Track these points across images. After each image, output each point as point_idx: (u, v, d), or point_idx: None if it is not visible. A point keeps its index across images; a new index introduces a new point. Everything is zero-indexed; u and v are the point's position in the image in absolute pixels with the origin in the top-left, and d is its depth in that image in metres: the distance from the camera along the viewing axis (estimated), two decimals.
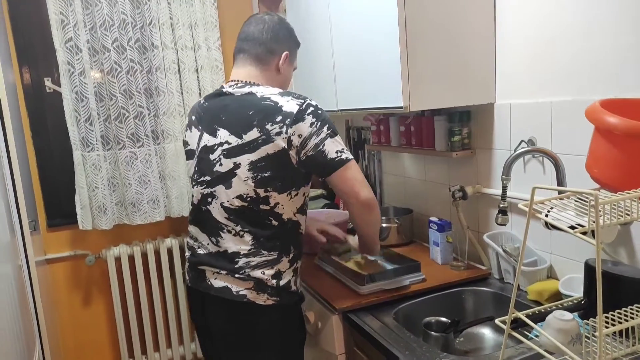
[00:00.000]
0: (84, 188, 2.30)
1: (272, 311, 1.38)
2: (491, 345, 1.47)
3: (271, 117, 1.30)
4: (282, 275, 1.38)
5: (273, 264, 1.36)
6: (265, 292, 1.35)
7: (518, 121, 1.54)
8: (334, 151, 1.30)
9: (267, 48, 1.42)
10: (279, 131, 1.29)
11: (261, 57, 1.42)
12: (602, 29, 1.26)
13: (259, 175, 1.32)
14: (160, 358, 2.59)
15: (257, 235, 1.35)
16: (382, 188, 2.36)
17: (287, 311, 1.42)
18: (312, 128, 1.29)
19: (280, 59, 1.44)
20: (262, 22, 1.44)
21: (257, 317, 1.37)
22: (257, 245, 1.35)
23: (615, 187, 0.99)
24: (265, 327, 1.39)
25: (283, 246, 1.38)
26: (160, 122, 2.38)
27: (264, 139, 1.30)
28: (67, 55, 2.21)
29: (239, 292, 1.35)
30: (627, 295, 0.97)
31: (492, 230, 1.65)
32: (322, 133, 1.30)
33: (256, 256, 1.35)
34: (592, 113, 1.03)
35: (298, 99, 1.33)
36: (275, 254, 1.36)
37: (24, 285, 1.83)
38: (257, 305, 1.35)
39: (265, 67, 1.43)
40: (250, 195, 1.33)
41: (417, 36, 1.46)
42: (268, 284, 1.35)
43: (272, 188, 1.33)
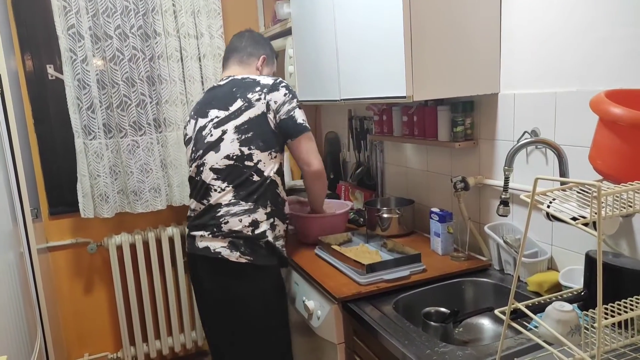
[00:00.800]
0: (86, 176, 2.31)
1: (246, 270, 1.58)
2: (490, 335, 1.47)
3: (251, 88, 1.63)
4: (258, 225, 1.60)
5: (250, 213, 1.59)
6: (238, 249, 1.58)
7: (522, 112, 1.53)
8: (300, 118, 1.63)
9: (248, 52, 1.77)
10: (259, 98, 1.61)
11: (243, 59, 1.78)
12: (607, 20, 1.25)
13: (243, 136, 1.60)
14: (161, 346, 2.61)
15: (238, 188, 1.60)
16: (383, 178, 2.36)
17: (263, 272, 1.61)
18: (285, 97, 1.62)
19: (259, 60, 1.78)
20: (242, 36, 1.82)
21: (232, 274, 1.59)
22: (237, 197, 1.60)
23: (618, 179, 0.98)
24: (240, 285, 1.59)
25: (260, 199, 1.61)
26: (163, 110, 2.38)
27: (247, 105, 1.61)
28: (70, 43, 2.20)
29: (215, 249, 1.59)
30: (627, 287, 0.97)
31: (493, 222, 1.65)
32: (293, 102, 1.63)
33: (235, 206, 1.59)
34: (596, 104, 1.02)
35: (274, 77, 1.68)
36: (252, 205, 1.60)
37: (26, 273, 1.84)
38: (231, 262, 1.57)
39: (246, 65, 1.77)
40: (236, 154, 1.60)
41: (421, 25, 1.45)
42: (243, 234, 1.57)
43: (254, 146, 1.60)
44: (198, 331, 2.68)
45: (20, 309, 1.60)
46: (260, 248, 1.59)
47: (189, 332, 2.66)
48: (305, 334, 1.79)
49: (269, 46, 1.83)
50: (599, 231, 0.74)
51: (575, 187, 0.91)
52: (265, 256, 1.60)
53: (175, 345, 2.64)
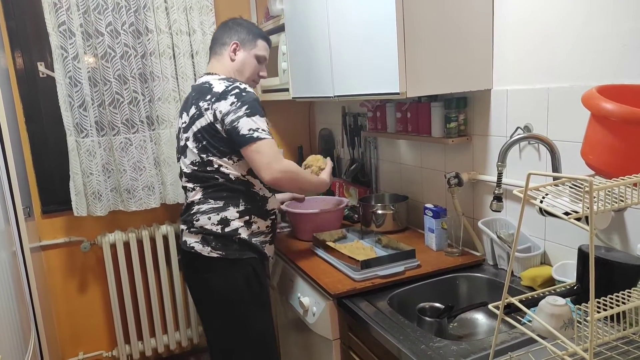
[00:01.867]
0: (79, 174, 2.29)
1: (218, 264, 1.58)
2: (484, 330, 1.48)
3: (204, 96, 1.57)
4: (229, 223, 1.58)
5: (219, 211, 1.58)
6: (210, 244, 1.58)
7: (514, 108, 1.54)
8: (247, 128, 1.49)
9: (219, 42, 1.70)
10: (207, 107, 1.55)
11: (216, 50, 1.71)
12: (600, 16, 1.25)
13: (199, 144, 1.58)
14: (156, 344, 2.61)
15: (206, 188, 1.61)
16: (377, 175, 2.36)
17: (235, 266, 1.59)
18: (231, 107, 1.51)
19: (230, 47, 1.68)
20: (220, 26, 1.74)
21: (205, 267, 1.60)
22: (206, 195, 1.60)
23: (610, 174, 0.99)
24: (212, 278, 1.60)
25: (230, 198, 1.59)
26: (155, 107, 2.36)
27: (198, 114, 1.57)
28: (60, 40, 2.18)
29: (190, 244, 1.62)
30: (619, 280, 0.97)
31: (487, 217, 1.66)
32: (239, 111, 1.50)
33: (204, 204, 1.60)
34: (588, 99, 1.03)
35: (229, 82, 1.57)
36: (221, 203, 1.59)
37: (19, 272, 1.82)
38: (203, 256, 1.58)
39: (220, 57, 1.70)
40: (198, 160, 1.59)
41: (414, 22, 1.45)
42: (213, 232, 1.57)
43: (211, 154, 1.57)
44: (193, 329, 2.68)
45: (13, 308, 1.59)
46: (233, 243, 1.58)
47: (184, 329, 2.65)
48: (300, 331, 1.79)
49: (244, 30, 1.71)
50: (591, 226, 0.75)
51: (568, 182, 0.92)
52: (238, 250, 1.59)
53: (171, 343, 2.63)
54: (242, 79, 1.68)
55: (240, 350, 1.65)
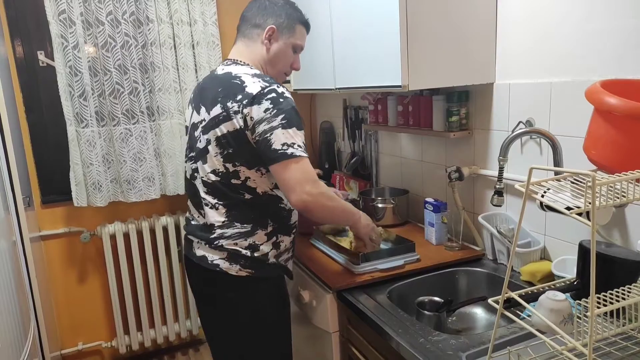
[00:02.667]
0: (79, 164, 2.29)
1: (246, 283, 1.40)
2: (483, 324, 1.49)
3: (233, 95, 1.31)
4: (258, 248, 1.39)
5: (246, 236, 1.38)
6: (238, 263, 1.38)
7: (517, 102, 1.53)
8: (280, 143, 1.26)
9: (252, 23, 1.43)
10: (237, 110, 1.29)
11: (246, 33, 1.44)
12: (603, 11, 1.24)
13: (224, 150, 1.34)
14: (156, 335, 2.61)
15: (230, 208, 1.38)
16: (378, 168, 2.35)
17: (264, 284, 1.43)
18: (265, 114, 1.27)
19: (264, 33, 1.42)
20: (255, 1, 1.46)
21: (230, 287, 1.40)
22: (231, 218, 1.38)
23: (612, 169, 0.99)
24: (239, 298, 1.41)
25: (259, 219, 1.39)
26: (156, 98, 2.35)
27: (225, 116, 1.31)
28: (60, 28, 2.16)
29: (213, 261, 1.39)
30: (619, 276, 0.97)
31: (487, 212, 1.66)
32: (274, 121, 1.26)
33: (229, 228, 1.38)
34: (592, 93, 1.02)
35: (266, 82, 1.31)
36: (249, 227, 1.38)
37: (18, 262, 1.83)
38: (230, 275, 1.38)
39: (250, 42, 1.44)
40: (221, 170, 1.36)
41: (417, 14, 1.44)
42: (241, 254, 1.38)
43: (239, 163, 1.34)
44: (193, 320, 2.68)
45: (13, 298, 1.59)
46: (263, 264, 1.41)
47: (183, 321, 2.66)
48: (300, 323, 1.79)
49: (283, 12, 1.43)
50: (593, 221, 0.75)
51: (570, 177, 0.91)
52: (268, 270, 1.43)
53: (170, 334, 2.64)
54: (272, 71, 1.47)
55: None
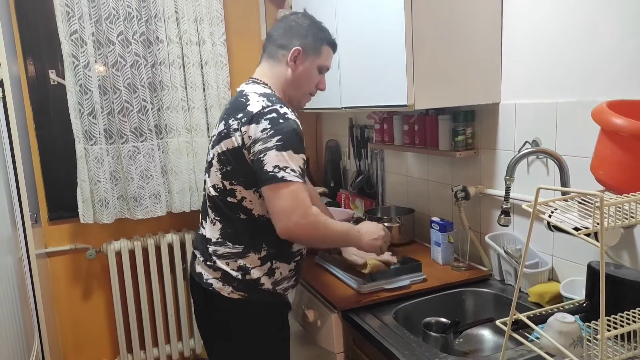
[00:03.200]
0: (86, 181, 2.30)
1: (240, 305, 1.36)
2: (491, 346, 1.46)
3: (235, 112, 1.30)
4: (249, 271, 1.35)
5: (237, 258, 1.35)
6: (231, 284, 1.35)
7: (523, 122, 1.53)
8: (272, 165, 1.22)
9: (278, 44, 1.41)
10: (237, 128, 1.28)
11: (272, 54, 1.42)
12: (608, 32, 1.25)
13: (224, 167, 1.33)
14: (159, 353, 2.59)
15: (225, 226, 1.36)
16: (384, 187, 2.35)
17: (259, 309, 1.38)
18: (262, 134, 1.24)
19: (289, 54, 1.39)
20: (280, 21, 1.45)
21: (223, 308, 1.37)
22: (224, 236, 1.36)
23: (620, 189, 0.98)
24: (233, 320, 1.38)
25: (251, 242, 1.35)
26: (164, 116, 2.38)
27: (225, 133, 1.31)
28: (72, 48, 2.20)
29: (207, 280, 1.38)
30: (630, 298, 0.96)
31: (494, 231, 1.65)
32: (269, 142, 1.22)
33: (221, 246, 1.36)
34: (598, 114, 1.02)
35: (269, 102, 1.28)
36: (240, 248, 1.35)
37: (24, 278, 1.83)
38: (222, 296, 1.36)
39: (274, 62, 1.41)
40: (219, 187, 1.35)
41: (422, 34, 1.46)
42: (233, 276, 1.35)
43: (236, 182, 1.32)
44: (196, 339, 2.66)
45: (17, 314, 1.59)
46: (256, 290, 1.37)
47: (187, 340, 2.64)
48: (304, 343, 1.77)
49: (310, 33, 1.40)
50: (602, 242, 0.74)
51: (577, 198, 0.91)
52: (262, 295, 1.38)
53: (173, 353, 2.62)
54: (295, 92, 1.44)
55: None
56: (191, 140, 2.44)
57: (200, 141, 2.43)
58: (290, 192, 1.22)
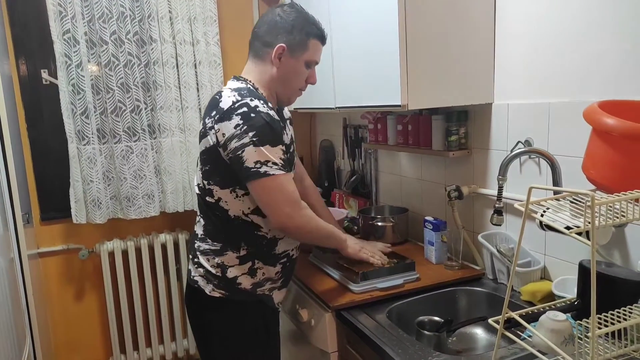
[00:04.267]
0: (79, 181, 2.29)
1: (221, 304, 1.38)
2: (484, 345, 1.47)
3: (210, 110, 1.30)
4: (227, 270, 1.36)
5: (216, 255, 1.37)
6: (212, 282, 1.38)
7: (515, 122, 1.54)
8: (252, 161, 1.22)
9: (262, 41, 1.37)
10: (211, 126, 1.28)
11: (257, 52, 1.39)
12: (601, 32, 1.26)
13: (203, 167, 1.35)
14: (152, 354, 2.58)
15: (207, 223, 1.40)
16: (377, 187, 2.36)
17: (240, 308, 1.39)
18: (235, 130, 1.22)
19: (274, 51, 1.35)
20: (265, 16, 1.40)
21: (206, 306, 1.41)
22: (205, 233, 1.40)
23: (611, 189, 0.99)
24: (214, 319, 1.41)
25: (229, 241, 1.36)
26: (157, 116, 2.37)
27: (203, 132, 1.32)
28: (65, 47, 2.19)
29: (193, 277, 1.42)
30: (621, 296, 0.97)
31: (487, 231, 1.65)
32: (244, 138, 1.22)
33: (203, 242, 1.40)
34: (590, 114, 1.03)
35: (239, 96, 1.26)
36: (219, 246, 1.37)
37: (16, 279, 1.81)
38: (205, 294, 1.39)
39: (259, 61, 1.39)
40: (201, 186, 1.38)
41: (416, 35, 1.46)
42: (212, 273, 1.38)
43: (213, 182, 1.33)
44: (190, 339, 2.65)
45: (9, 314, 1.58)
46: (235, 289, 1.38)
47: (180, 340, 2.63)
48: (298, 343, 1.77)
49: (296, 28, 1.35)
50: (593, 240, 0.75)
51: (569, 197, 0.92)
52: (243, 294, 1.38)
53: (167, 354, 2.61)
54: (284, 89, 1.41)
55: None
56: (185, 140, 2.43)
57: (194, 141, 2.42)
58: (277, 186, 1.24)
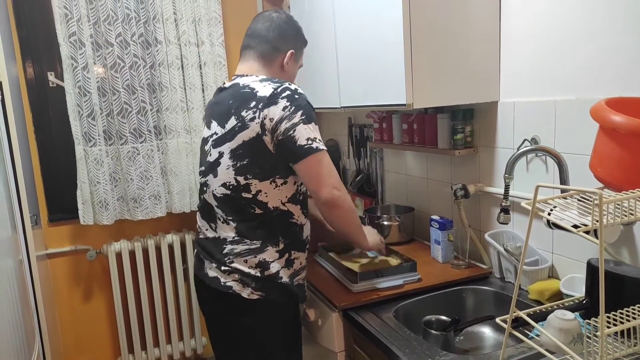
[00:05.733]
0: (86, 183, 2.30)
1: (258, 306, 1.38)
2: (491, 344, 1.47)
3: (246, 103, 1.32)
4: (268, 265, 1.37)
5: (256, 253, 1.36)
6: (250, 285, 1.37)
7: (521, 120, 1.53)
8: (304, 138, 1.28)
9: (273, 46, 1.43)
10: (253, 116, 1.30)
11: (266, 55, 1.44)
12: (607, 29, 1.25)
13: (238, 163, 1.34)
14: (160, 354, 2.59)
15: (240, 223, 1.37)
16: (383, 186, 2.35)
17: (277, 308, 1.41)
18: (284, 112, 1.28)
19: (285, 56, 1.45)
20: (269, 20, 1.45)
21: (244, 311, 1.39)
22: (240, 234, 1.37)
23: (619, 187, 0.98)
24: (251, 322, 1.40)
25: (269, 236, 1.37)
26: (163, 117, 2.38)
27: (240, 126, 1.32)
28: (71, 50, 2.20)
29: (225, 283, 1.38)
30: (629, 295, 0.96)
31: (494, 229, 1.65)
32: (294, 118, 1.28)
33: (239, 244, 1.37)
34: (597, 111, 1.03)
35: (276, 83, 1.33)
36: (259, 243, 1.36)
37: (24, 280, 1.83)
38: (243, 298, 1.37)
39: (268, 63, 1.45)
40: (232, 184, 1.36)
41: (421, 33, 1.46)
42: (252, 275, 1.36)
43: (251, 175, 1.34)
44: (197, 339, 2.66)
45: (18, 316, 1.59)
46: (274, 285, 1.39)
47: (188, 340, 2.64)
48: (305, 342, 1.77)
49: (299, 36, 1.50)
50: (601, 239, 0.74)
51: (576, 195, 0.91)
52: (280, 292, 1.41)
53: (175, 353, 2.62)
54: None
55: None
56: (190, 141, 2.44)
57: (200, 142, 2.43)
58: (327, 160, 1.32)
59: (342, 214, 1.38)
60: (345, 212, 1.38)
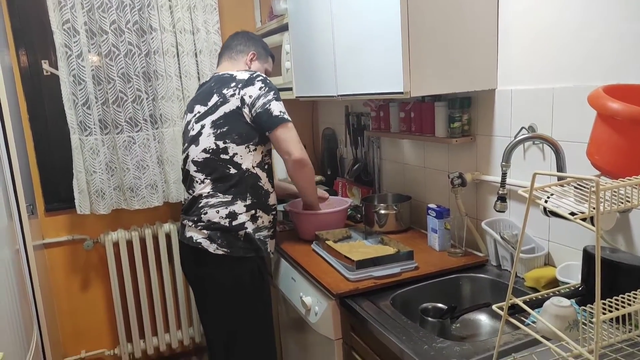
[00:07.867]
0: (82, 172, 2.29)
1: (224, 261, 1.66)
2: (488, 331, 1.48)
3: (227, 84, 1.69)
4: (237, 216, 1.66)
5: (227, 205, 1.66)
6: (216, 242, 1.65)
7: (519, 107, 1.53)
8: (278, 110, 1.64)
9: (237, 49, 1.85)
10: (233, 93, 1.66)
11: (233, 56, 1.85)
12: (605, 16, 1.25)
13: (218, 130, 1.66)
14: (158, 342, 2.61)
15: (216, 180, 1.67)
16: (380, 175, 2.35)
17: (240, 263, 1.68)
18: (260, 91, 1.65)
19: (248, 56, 1.84)
20: (236, 35, 1.89)
21: (211, 263, 1.67)
22: (215, 189, 1.67)
23: (616, 174, 0.98)
24: (215, 274, 1.68)
25: (238, 192, 1.67)
26: (159, 106, 2.36)
27: (222, 101, 1.67)
28: (65, 38, 2.18)
29: (197, 239, 1.67)
30: (625, 282, 0.97)
31: (491, 217, 1.65)
32: (269, 95, 1.65)
33: (213, 197, 1.67)
34: (594, 99, 1.02)
35: (251, 71, 1.72)
36: (230, 197, 1.66)
37: (21, 270, 1.83)
38: (209, 253, 1.65)
39: (234, 62, 1.84)
40: (212, 147, 1.67)
41: (418, 21, 1.44)
42: (221, 225, 1.64)
43: (229, 140, 1.66)
44: (195, 328, 2.68)
45: (16, 306, 1.59)
46: (238, 240, 1.66)
47: (186, 328, 2.65)
48: (302, 330, 1.79)
49: (261, 44, 1.90)
50: (597, 226, 0.74)
51: (573, 183, 0.91)
52: (242, 248, 1.67)
53: (172, 342, 2.63)
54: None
55: (242, 337, 1.73)
56: None
57: None
58: (294, 128, 1.67)
59: (308, 171, 1.73)
60: (310, 171, 1.75)
